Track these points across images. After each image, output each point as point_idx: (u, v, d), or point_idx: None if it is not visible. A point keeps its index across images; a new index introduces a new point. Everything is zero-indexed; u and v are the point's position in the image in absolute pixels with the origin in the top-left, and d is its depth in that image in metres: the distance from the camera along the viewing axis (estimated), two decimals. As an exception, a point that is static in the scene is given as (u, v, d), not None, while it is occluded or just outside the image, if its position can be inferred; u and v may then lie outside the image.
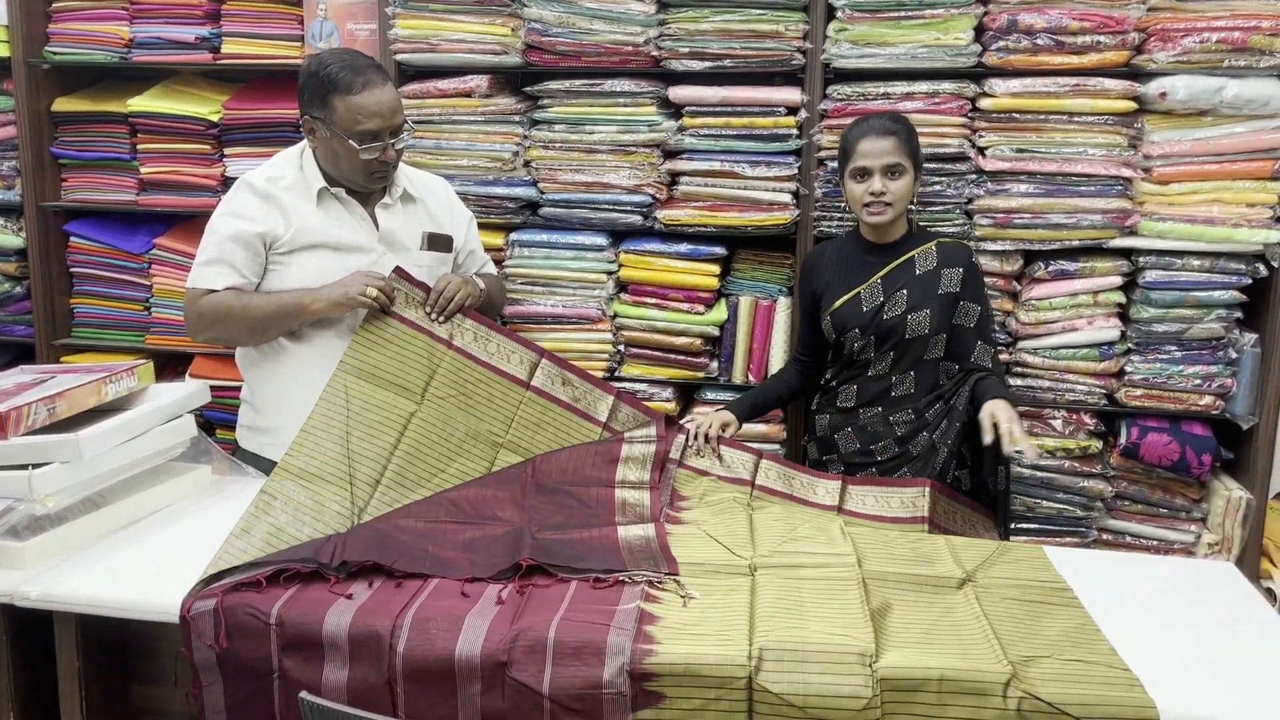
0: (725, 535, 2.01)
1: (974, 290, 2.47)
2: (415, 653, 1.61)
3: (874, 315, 2.44)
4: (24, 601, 1.81)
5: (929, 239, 2.51)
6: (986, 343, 2.48)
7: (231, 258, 2.31)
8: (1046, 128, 2.72)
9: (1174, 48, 2.61)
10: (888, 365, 2.47)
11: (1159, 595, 1.92)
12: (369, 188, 2.36)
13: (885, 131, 2.42)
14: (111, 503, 2.08)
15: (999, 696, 1.52)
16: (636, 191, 2.90)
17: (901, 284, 2.45)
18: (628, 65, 2.87)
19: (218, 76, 3.31)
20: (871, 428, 2.48)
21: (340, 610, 1.67)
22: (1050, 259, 2.79)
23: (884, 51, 2.73)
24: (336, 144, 2.27)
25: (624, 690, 1.55)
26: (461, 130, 2.97)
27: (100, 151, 3.25)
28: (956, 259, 2.47)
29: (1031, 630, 1.69)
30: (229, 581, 1.75)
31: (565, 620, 1.64)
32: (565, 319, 2.98)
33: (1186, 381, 2.76)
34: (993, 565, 1.93)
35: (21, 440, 1.94)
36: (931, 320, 2.42)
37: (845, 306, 2.48)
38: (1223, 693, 1.58)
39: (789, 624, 1.64)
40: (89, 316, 3.37)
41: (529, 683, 1.57)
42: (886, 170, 2.41)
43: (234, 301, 2.31)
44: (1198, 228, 2.68)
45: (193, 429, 2.29)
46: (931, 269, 2.45)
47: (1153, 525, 2.86)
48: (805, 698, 1.53)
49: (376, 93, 2.26)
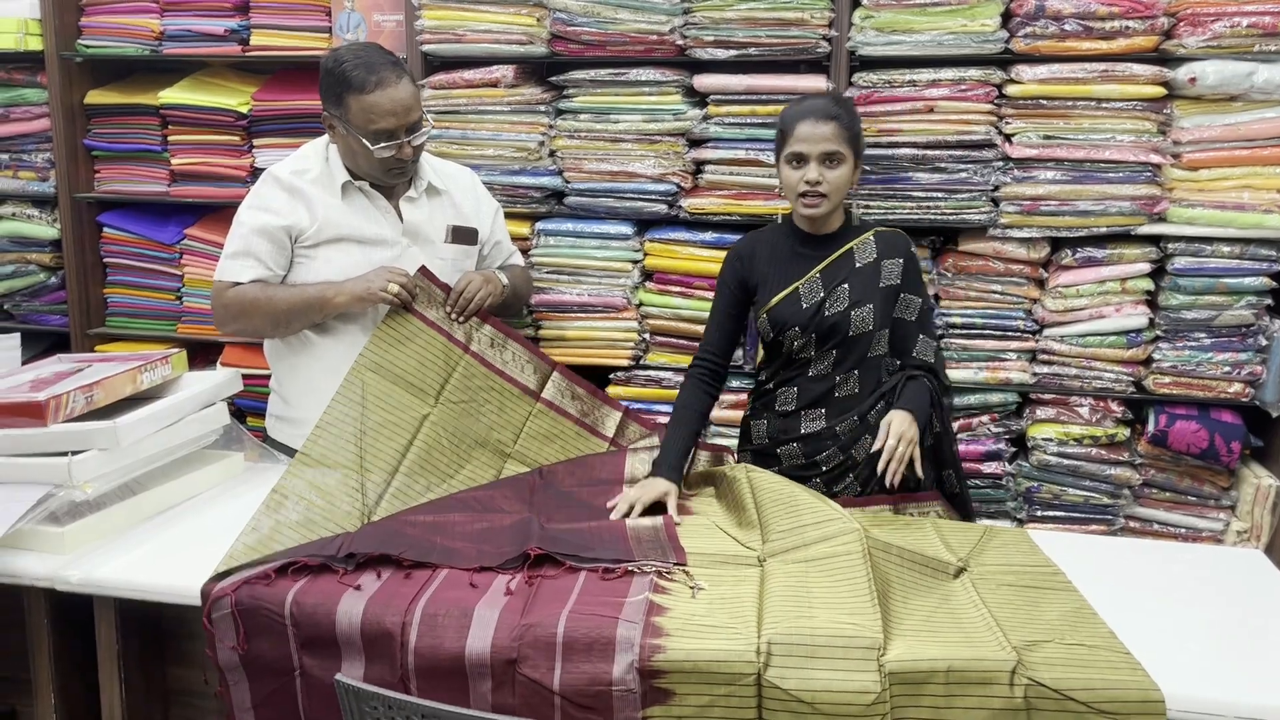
0: (734, 526, 2.00)
1: (913, 281, 2.32)
2: (426, 650, 1.62)
3: (815, 312, 2.27)
4: (65, 586, 1.85)
5: (866, 228, 2.35)
6: (928, 335, 2.33)
7: (257, 251, 2.33)
8: (1074, 114, 2.70)
9: (1204, 32, 2.58)
10: (829, 365, 2.30)
11: (1187, 582, 1.92)
12: (388, 183, 2.38)
13: (825, 115, 2.22)
14: (148, 489, 2.12)
15: (1005, 685, 1.52)
16: (661, 180, 2.91)
17: (842, 278, 2.28)
18: (653, 54, 2.87)
19: (247, 68, 3.34)
20: (815, 435, 2.31)
21: (350, 604, 1.68)
22: (1078, 246, 2.77)
23: (910, 39, 2.73)
24: (353, 141, 2.28)
25: (633, 687, 1.55)
26: (488, 120, 2.99)
27: (132, 143, 3.29)
28: (895, 249, 2.32)
29: (1030, 615, 1.69)
30: (238, 578, 1.76)
31: (574, 613, 1.64)
32: (591, 307, 3.00)
33: (1215, 369, 2.74)
34: (983, 551, 1.93)
35: (61, 427, 1.98)
36: (875, 316, 2.27)
37: (783, 303, 2.29)
38: (1244, 678, 1.58)
39: (797, 614, 1.64)
40: (122, 306, 3.42)
41: (540, 679, 1.58)
42: (824, 158, 2.22)
43: (259, 294, 2.33)
44: (1227, 214, 2.66)
45: (225, 417, 2.33)
46: (871, 261, 2.30)
47: (1181, 513, 2.84)
48: (814, 693, 1.53)
49: (390, 91, 2.23)
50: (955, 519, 2.30)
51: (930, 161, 2.78)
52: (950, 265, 2.86)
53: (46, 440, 1.97)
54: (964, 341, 2.88)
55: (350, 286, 2.30)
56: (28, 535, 1.91)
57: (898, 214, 2.81)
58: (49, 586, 1.87)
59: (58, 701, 1.96)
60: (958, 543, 1.96)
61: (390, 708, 1.38)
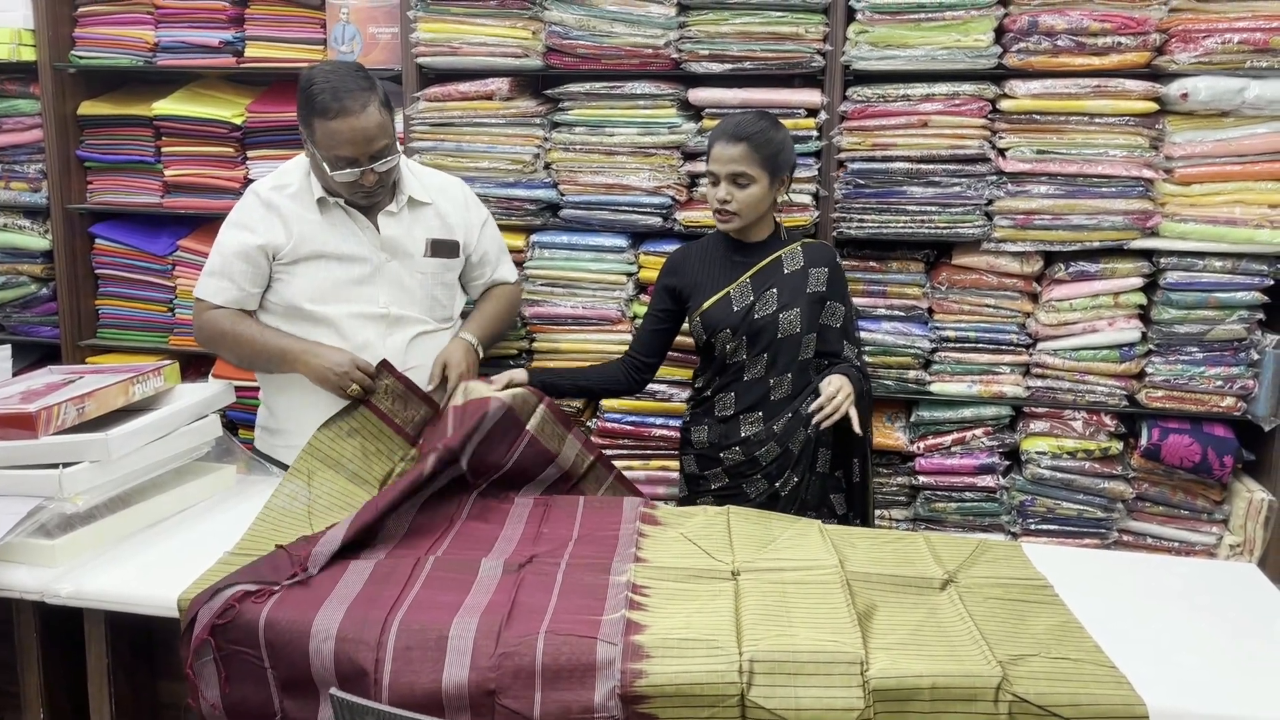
0: (704, 540, 1.99)
1: (838, 290, 2.46)
2: (402, 688, 1.58)
3: (745, 315, 2.40)
4: (55, 599, 1.83)
5: (794, 239, 2.50)
6: (852, 342, 2.48)
7: (233, 273, 2.35)
8: (1067, 129, 2.71)
9: (1195, 48, 2.60)
10: (763, 368, 2.42)
11: (1180, 596, 1.92)
12: (359, 203, 2.36)
13: (734, 138, 2.33)
14: (139, 501, 2.10)
15: (990, 701, 1.52)
16: (656, 193, 2.91)
17: (770, 283, 2.41)
18: (648, 68, 2.88)
19: (241, 80, 3.34)
20: (754, 437, 2.44)
21: (321, 639, 1.63)
22: (1071, 260, 2.78)
23: (904, 53, 2.74)
24: (319, 163, 2.28)
25: (616, 714, 1.53)
26: (482, 133, 2.99)
27: (125, 154, 3.28)
28: (821, 259, 2.45)
29: (1016, 629, 1.69)
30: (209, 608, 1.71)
31: (551, 633, 1.61)
32: (586, 320, 2.99)
33: (1208, 383, 2.75)
34: (973, 565, 1.92)
35: (52, 439, 1.96)
36: (802, 319, 2.40)
37: (715, 307, 2.43)
38: (1238, 692, 1.58)
39: (777, 631, 1.63)
40: (114, 318, 3.40)
41: (520, 710, 1.55)
42: (730, 178, 2.33)
43: (228, 328, 2.35)
44: (1219, 229, 2.67)
45: (218, 429, 2.31)
46: (799, 268, 2.43)
47: (1174, 527, 2.85)
48: (798, 711, 1.52)
49: (352, 120, 2.20)
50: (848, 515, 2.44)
51: (924, 175, 2.79)
52: (944, 279, 2.87)
53: (37, 452, 1.95)
54: (957, 355, 2.89)
55: (316, 364, 2.29)
56: (18, 548, 1.89)
57: (891, 227, 2.82)
58: (39, 599, 1.85)
59: (46, 715, 1.94)
60: (948, 555, 1.95)
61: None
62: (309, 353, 2.31)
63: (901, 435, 2.93)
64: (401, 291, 2.42)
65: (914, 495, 2.96)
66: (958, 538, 2.12)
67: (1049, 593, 1.83)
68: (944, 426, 2.91)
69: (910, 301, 2.89)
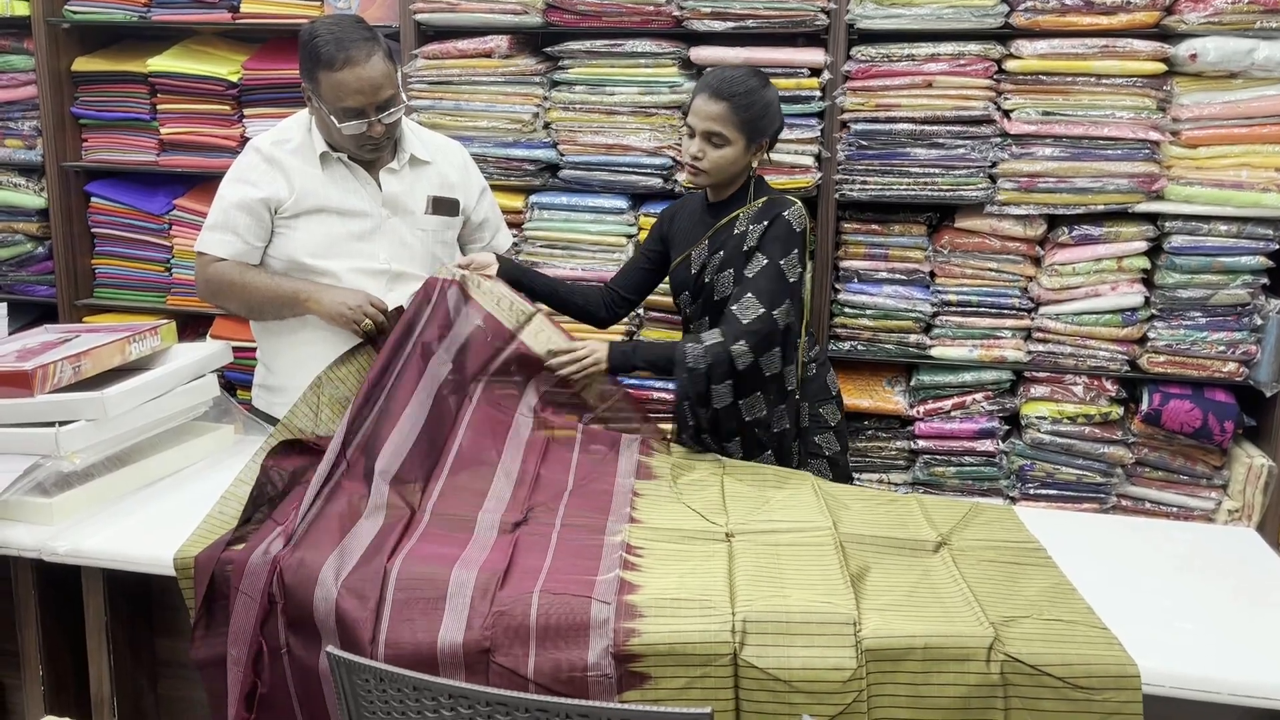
0: (698, 502, 1.99)
1: (769, 243, 2.23)
2: (398, 645, 1.59)
3: (697, 277, 2.33)
4: (52, 557, 1.83)
5: (761, 195, 2.30)
6: (759, 298, 2.19)
7: (235, 225, 2.32)
8: (1074, 90, 2.68)
9: (1205, 8, 2.56)
10: (705, 329, 2.29)
11: (1179, 560, 1.92)
12: (363, 157, 2.35)
13: (717, 95, 2.21)
14: (137, 460, 2.10)
15: (982, 661, 1.52)
16: (657, 154, 2.89)
17: (719, 245, 2.31)
18: (649, 26, 2.84)
19: (237, 36, 3.30)
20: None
21: (325, 588, 1.65)
22: (1074, 224, 2.76)
23: (909, 12, 2.70)
24: (325, 116, 2.26)
25: (609, 673, 1.54)
26: (481, 91, 2.96)
27: (120, 111, 3.25)
28: (766, 215, 2.26)
29: (1010, 591, 1.69)
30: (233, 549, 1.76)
31: (545, 592, 1.62)
32: (585, 282, 2.98)
33: (1210, 348, 2.74)
34: (966, 527, 1.93)
35: (48, 398, 1.95)
36: (734, 279, 2.26)
37: (679, 267, 2.39)
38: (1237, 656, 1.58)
39: (770, 593, 1.63)
40: (110, 277, 3.39)
41: (514, 668, 1.56)
42: (706, 135, 2.22)
43: (235, 277, 2.32)
44: (1225, 192, 2.65)
45: (215, 389, 2.31)
46: (744, 229, 2.27)
47: (1173, 492, 2.85)
48: (790, 670, 1.52)
49: (359, 69, 2.18)
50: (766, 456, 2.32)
51: (928, 137, 2.76)
52: (946, 242, 2.84)
53: (33, 410, 1.94)
54: (959, 319, 2.87)
55: (328, 301, 2.27)
56: (15, 506, 1.89)
57: (894, 190, 2.79)
58: (36, 557, 1.85)
59: (45, 673, 1.95)
60: (941, 518, 1.95)
61: (382, 680, 1.37)
62: (322, 290, 2.30)
63: (901, 399, 2.92)
64: (402, 248, 2.41)
65: (913, 459, 2.96)
66: (951, 501, 2.12)
67: (1042, 555, 1.84)
68: (944, 391, 2.90)
69: (912, 265, 2.87)
